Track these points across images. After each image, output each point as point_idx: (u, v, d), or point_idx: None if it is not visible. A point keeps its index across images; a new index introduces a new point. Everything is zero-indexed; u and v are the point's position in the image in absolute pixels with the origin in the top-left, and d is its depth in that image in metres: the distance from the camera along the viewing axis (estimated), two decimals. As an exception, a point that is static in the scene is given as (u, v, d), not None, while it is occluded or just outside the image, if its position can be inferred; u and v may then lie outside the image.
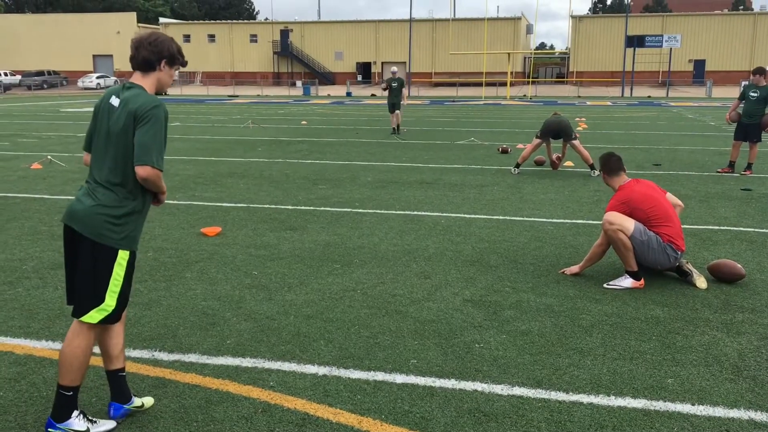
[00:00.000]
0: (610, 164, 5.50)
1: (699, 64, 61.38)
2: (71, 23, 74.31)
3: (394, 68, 19.44)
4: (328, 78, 66.69)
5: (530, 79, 56.68)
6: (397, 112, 18.12)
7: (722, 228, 7.11)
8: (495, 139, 16.92)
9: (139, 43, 3.05)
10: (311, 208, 8.25)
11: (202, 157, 13.35)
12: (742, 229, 7.08)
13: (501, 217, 7.69)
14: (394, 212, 7.99)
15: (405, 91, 18.69)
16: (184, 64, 3.22)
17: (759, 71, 10.85)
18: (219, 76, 71.32)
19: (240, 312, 4.61)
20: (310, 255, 6.07)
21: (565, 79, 65.58)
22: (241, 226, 7.24)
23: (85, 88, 61.48)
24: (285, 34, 71.16)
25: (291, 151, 14.22)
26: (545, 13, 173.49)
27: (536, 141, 11.14)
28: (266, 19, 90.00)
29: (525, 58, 69.04)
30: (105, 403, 3.31)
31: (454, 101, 41.25)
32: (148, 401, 3.29)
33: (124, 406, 3.18)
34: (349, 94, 50.83)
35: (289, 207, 8.28)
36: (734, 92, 11.55)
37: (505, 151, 14.05)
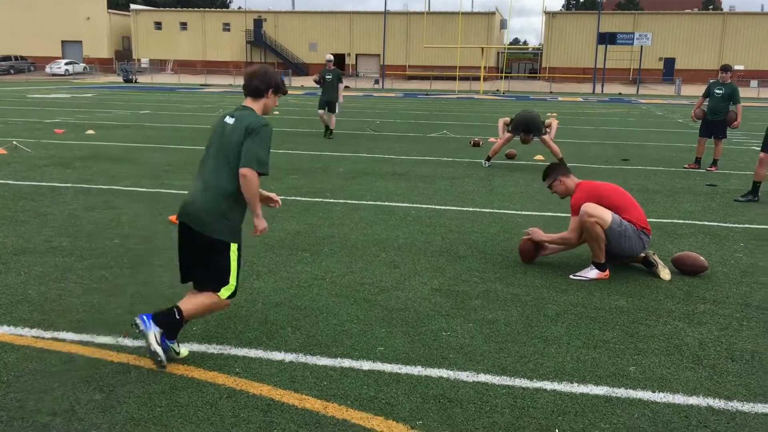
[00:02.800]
0: (562, 167, 5.64)
1: (669, 62, 62.28)
2: (40, 7, 72.68)
3: (329, 56, 15.60)
4: (302, 69, 66.33)
5: (503, 74, 57.01)
6: (332, 113, 14.96)
7: (687, 222, 7.24)
8: (467, 132, 17.00)
9: (252, 75, 3.80)
10: (282, 197, 8.12)
11: (172, 145, 13.20)
12: (706, 223, 7.21)
13: (471, 209, 7.73)
14: (365, 202, 7.99)
15: (342, 86, 15.14)
16: (285, 92, 4.00)
17: (724, 68, 11.03)
18: (191, 64, 70.45)
19: (207, 299, 4.56)
20: (279, 244, 6.04)
21: (538, 75, 66.08)
22: (210, 214, 7.17)
23: (53, 75, 60.34)
24: (258, 23, 70.54)
25: (262, 141, 14.14)
26: (519, 9, 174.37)
27: (507, 135, 11.21)
28: (239, 8, 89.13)
29: (499, 53, 69.38)
30: (108, 391, 3.27)
31: (427, 94, 41.32)
32: (184, 352, 3.70)
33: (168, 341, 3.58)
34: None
35: (260, 196, 8.23)
36: (702, 90, 11.82)
37: (476, 144, 14.12)
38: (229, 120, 3.75)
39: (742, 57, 60.23)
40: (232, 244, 3.67)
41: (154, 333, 3.43)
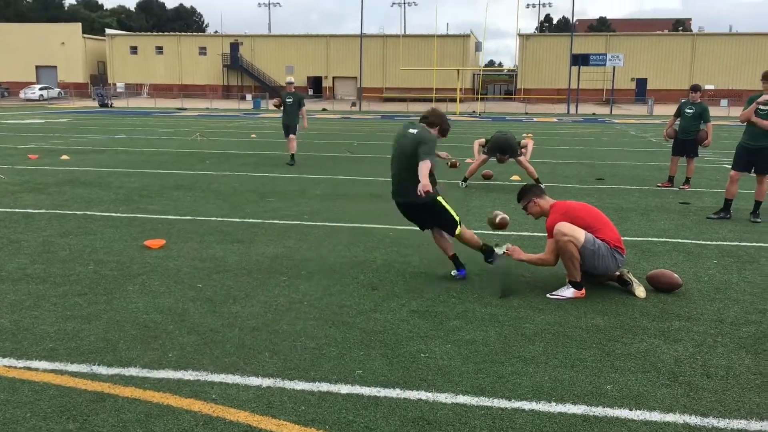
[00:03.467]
0: (538, 188, 5.71)
1: (641, 83, 63.41)
2: (14, 34, 72.29)
3: (290, 78, 14.95)
4: (279, 92, 66.54)
5: (479, 96, 57.58)
6: (292, 136, 14.24)
7: (661, 240, 7.33)
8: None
9: (433, 111, 5.86)
10: (259, 220, 8.18)
11: (148, 169, 13.11)
12: (680, 240, 7.31)
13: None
14: (343, 225, 7.99)
15: (304, 110, 14.42)
16: (445, 135, 5.87)
17: (694, 88, 11.25)
18: (167, 88, 70.30)
19: (183, 325, 4.52)
20: (257, 267, 6.01)
21: (513, 96, 66.84)
22: (187, 238, 7.12)
23: (28, 100, 59.81)
24: (235, 47, 70.70)
25: (240, 164, 14.09)
26: (494, 32, 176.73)
27: (483, 157, 11.31)
28: (216, 32, 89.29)
29: (474, 74, 70.13)
30: (81, 421, 3.21)
31: (405, 116, 41.56)
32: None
33: (463, 270, 5.74)
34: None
35: (237, 220, 8.20)
36: (674, 110, 12.08)
37: (453, 166, 14.19)
38: (412, 130, 5.64)
39: (712, 77, 61.56)
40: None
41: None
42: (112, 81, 71.54)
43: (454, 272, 5.81)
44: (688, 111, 11.23)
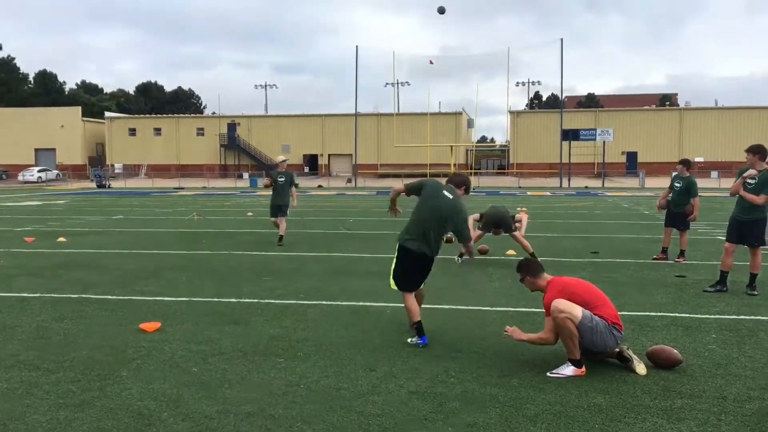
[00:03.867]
0: (534, 266, 5.72)
1: (631, 156, 64.46)
2: (14, 118, 73.69)
3: (282, 157, 14.55)
4: (270, 170, 67.33)
5: (473, 171, 58.37)
6: (282, 217, 13.82)
7: (659, 314, 7.30)
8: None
9: (460, 174, 6.69)
10: (256, 300, 8.15)
11: (144, 250, 13.13)
12: (677, 314, 7.28)
13: (446, 306, 7.73)
14: (340, 303, 7.95)
15: (294, 189, 14.22)
16: (468, 192, 6.51)
17: (682, 163, 11.51)
18: (164, 168, 71.15)
19: (177, 412, 4.44)
20: (252, 349, 5.95)
21: (506, 171, 67.75)
22: (182, 320, 7.07)
23: (26, 182, 60.35)
24: (232, 127, 72.03)
25: (236, 243, 14.13)
26: (485, 108, 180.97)
27: (478, 233, 11.39)
28: (213, 113, 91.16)
29: (467, 150, 71.27)
30: None
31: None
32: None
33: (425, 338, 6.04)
34: (296, 185, 51.22)
35: (233, 300, 8.16)
36: (666, 182, 12.33)
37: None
38: (449, 194, 6.21)
39: (701, 149, 62.71)
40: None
41: None
42: (110, 162, 72.45)
43: (414, 340, 6.09)
44: (677, 185, 11.43)
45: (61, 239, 14.97)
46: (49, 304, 8.00)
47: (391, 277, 6.36)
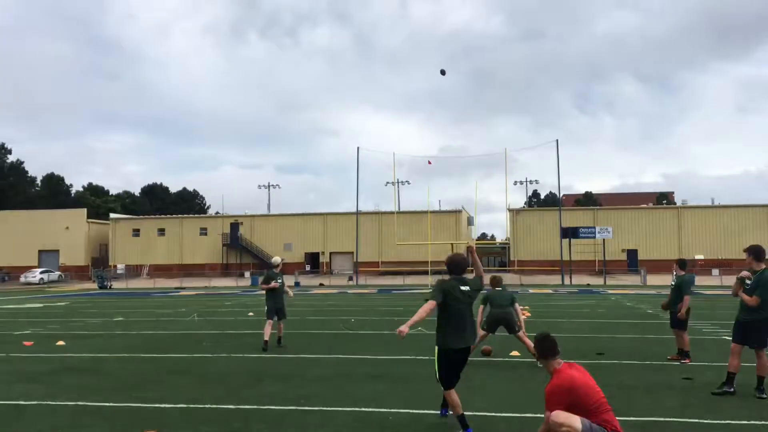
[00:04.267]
0: (543, 348, 5.69)
1: (632, 253, 64.60)
2: (19, 220, 74.54)
3: (278, 258, 14.36)
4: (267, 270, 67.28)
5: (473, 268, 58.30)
6: (280, 319, 13.53)
7: (668, 419, 7.15)
8: (442, 329, 17.02)
9: (455, 260, 6.99)
10: (255, 406, 8.00)
11: (144, 353, 12.98)
12: (687, 420, 7.13)
13: (450, 413, 7.57)
14: (340, 409, 7.80)
15: (290, 291, 14.25)
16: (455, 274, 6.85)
17: (677, 262, 11.74)
18: (167, 268, 71.24)
19: None
20: (252, 460, 5.80)
21: (507, 268, 67.73)
22: (181, 428, 6.92)
23: (28, 283, 60.30)
24: (235, 226, 72.70)
25: (237, 345, 13.97)
26: (485, 206, 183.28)
27: (482, 333, 11.32)
28: (217, 212, 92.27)
29: (468, 247, 71.50)
30: None
31: (401, 289, 41.84)
32: None
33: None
34: (297, 284, 51.11)
35: (232, 406, 8.01)
36: (668, 279, 12.36)
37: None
38: (465, 288, 6.64)
39: (701, 247, 62.96)
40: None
41: None
42: (113, 263, 72.63)
43: None
44: (672, 283, 11.55)
45: (60, 343, 14.84)
46: (46, 412, 7.85)
47: (438, 378, 6.73)
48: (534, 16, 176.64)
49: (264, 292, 13.59)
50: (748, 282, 8.32)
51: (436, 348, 6.71)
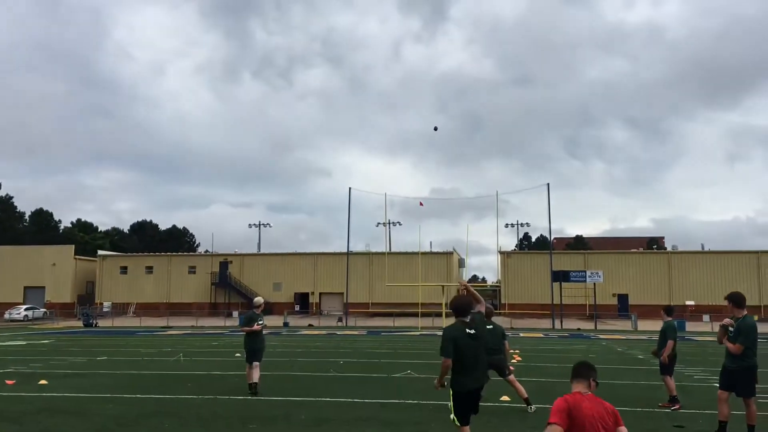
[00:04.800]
0: (574, 370, 5.59)
1: (622, 298, 64.56)
2: (7, 256, 73.85)
3: (260, 299, 13.78)
4: (266, 308, 66.73)
5: (465, 311, 57.99)
6: (257, 364, 12.80)
7: (660, 468, 7.03)
8: (432, 372, 16.81)
9: (459, 302, 7.05)
10: (240, 451, 7.81)
11: (127, 394, 12.73)
12: (679, 468, 7.01)
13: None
14: (327, 455, 7.63)
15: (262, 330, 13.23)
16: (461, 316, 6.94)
17: (663, 309, 11.88)
18: (154, 306, 70.53)
19: None
20: (235, 506, 5.64)
21: (498, 311, 67.50)
22: (163, 473, 6.74)
23: (12, 320, 59.44)
24: (224, 265, 72.27)
25: (222, 387, 13.73)
26: (476, 248, 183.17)
27: (472, 377, 11.18)
28: (206, 251, 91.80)
29: (459, 290, 71.27)
30: None
31: (391, 331, 41.50)
32: None
33: None
34: (286, 324, 50.66)
35: (217, 450, 7.82)
36: (658, 325, 12.29)
37: (442, 385, 13.91)
38: (471, 331, 6.85)
39: (691, 293, 63.03)
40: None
41: None
42: (100, 300, 71.87)
43: None
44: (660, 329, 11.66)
45: (43, 382, 14.55)
46: (24, 453, 7.64)
47: (453, 416, 6.98)
48: (525, 62, 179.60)
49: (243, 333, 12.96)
50: (731, 329, 8.33)
51: (450, 390, 6.88)
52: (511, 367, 11.33)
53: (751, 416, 8.22)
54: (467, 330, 6.78)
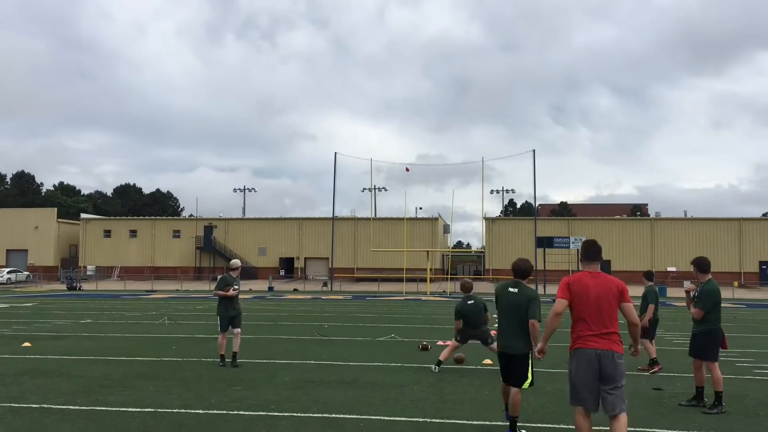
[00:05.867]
0: (583, 251, 6.03)
1: (605, 265, 65.23)
2: (-12, 218, 73.10)
3: (237, 261, 12.32)
4: (251, 272, 66.79)
5: (449, 276, 58.48)
6: (238, 330, 11.78)
7: (637, 429, 7.17)
8: (416, 335, 16.99)
9: (522, 265, 7.14)
10: (224, 411, 7.87)
11: (112, 357, 12.74)
12: (656, 430, 7.15)
13: (421, 419, 7.53)
14: (311, 415, 7.71)
15: (241, 302, 12.18)
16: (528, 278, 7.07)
17: (644, 274, 12.08)
18: (138, 270, 70.37)
19: None
20: (219, 466, 5.69)
21: (482, 276, 68.01)
22: (147, 433, 6.77)
23: (-6, 283, 59.12)
24: (209, 229, 72.03)
25: (207, 349, 13.78)
26: (461, 214, 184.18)
27: (455, 343, 11.31)
28: (191, 215, 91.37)
29: (443, 255, 71.71)
30: None
31: (375, 296, 41.76)
32: None
33: None
34: (271, 289, 50.79)
35: (200, 411, 7.88)
36: (640, 290, 12.42)
37: (425, 348, 14.07)
38: (513, 290, 6.93)
39: (673, 259, 63.81)
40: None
41: None
42: (83, 264, 71.54)
43: None
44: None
45: (27, 344, 14.52)
46: (8, 414, 7.65)
47: (531, 381, 6.98)
48: (512, 27, 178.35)
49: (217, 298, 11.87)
50: (694, 295, 8.47)
51: (529, 354, 7.04)
52: (494, 332, 11.42)
53: (716, 382, 8.17)
54: (509, 288, 7.13)
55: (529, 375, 6.86)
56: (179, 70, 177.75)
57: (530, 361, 6.88)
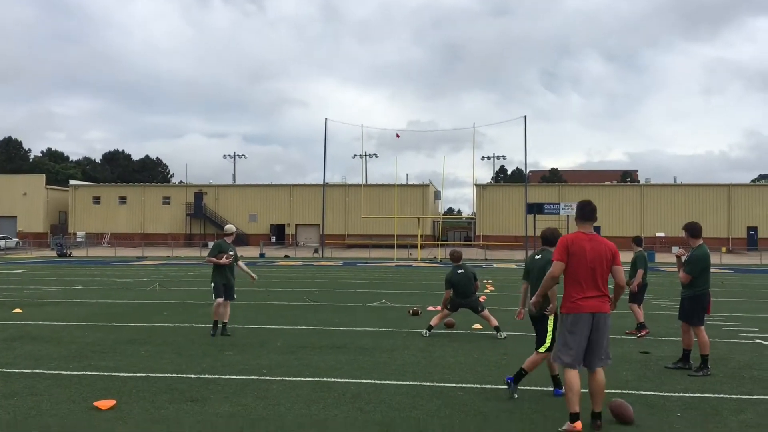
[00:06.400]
0: (578, 211, 6.28)
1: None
2: (-26, 185, 72.49)
3: (231, 226, 11.92)
4: (242, 239, 66.82)
5: (439, 242, 58.71)
6: (228, 299, 11.29)
7: (624, 391, 7.28)
8: (406, 300, 17.11)
9: (551, 233, 7.59)
10: (215, 376, 7.93)
11: (103, 322, 12.77)
12: (642, 392, 7.27)
13: (411, 383, 7.61)
14: (302, 379, 7.78)
15: (242, 264, 11.76)
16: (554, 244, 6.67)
17: (632, 240, 12.27)
18: (128, 237, 70.24)
19: (129, 497, 4.23)
20: (211, 429, 5.75)
21: (473, 242, 68.32)
22: (139, 398, 6.83)
23: (-17, 249, 58.86)
24: (199, 196, 71.80)
25: (198, 315, 13.83)
26: (452, 181, 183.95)
27: (446, 311, 11.39)
28: (180, 182, 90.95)
29: (434, 222, 71.90)
30: None
31: (366, 262, 41.92)
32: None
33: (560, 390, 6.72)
34: (262, 255, 50.88)
35: (192, 375, 7.93)
36: (630, 256, 12.52)
37: (415, 314, 14.17)
38: (537, 256, 7.56)
39: (662, 225, 64.24)
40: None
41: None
42: (73, 231, 71.29)
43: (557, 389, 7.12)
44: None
45: (17, 310, 14.52)
46: (0, 379, 7.68)
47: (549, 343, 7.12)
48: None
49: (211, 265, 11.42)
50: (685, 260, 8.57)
51: (556, 313, 6.93)
52: (483, 297, 11.51)
53: (702, 345, 8.29)
54: (536, 256, 7.69)
55: (548, 339, 7.00)
56: (167, 35, 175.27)
57: (548, 326, 7.05)
